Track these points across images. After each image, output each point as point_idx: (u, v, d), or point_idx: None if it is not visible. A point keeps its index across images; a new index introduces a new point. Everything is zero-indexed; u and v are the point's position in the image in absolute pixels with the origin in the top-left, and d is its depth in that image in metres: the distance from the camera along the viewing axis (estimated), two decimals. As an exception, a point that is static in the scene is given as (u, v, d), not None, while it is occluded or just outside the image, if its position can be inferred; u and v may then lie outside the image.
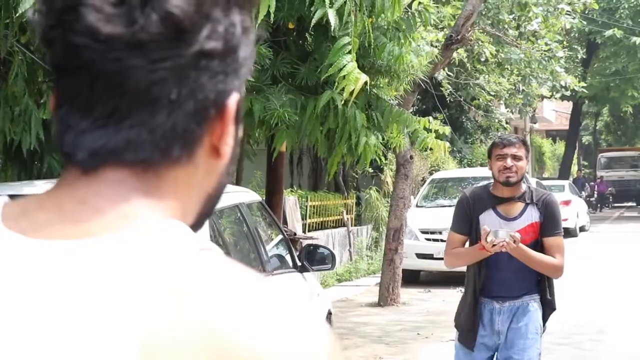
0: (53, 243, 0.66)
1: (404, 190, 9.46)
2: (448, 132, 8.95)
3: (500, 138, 3.80)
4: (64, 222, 0.68)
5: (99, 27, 0.66)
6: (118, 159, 0.69)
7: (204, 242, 0.69)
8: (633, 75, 26.11)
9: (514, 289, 3.70)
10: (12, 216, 0.70)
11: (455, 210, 3.82)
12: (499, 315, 3.72)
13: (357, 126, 5.83)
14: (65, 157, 0.71)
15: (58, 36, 0.68)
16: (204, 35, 0.68)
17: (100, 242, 0.66)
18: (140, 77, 0.67)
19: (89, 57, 0.67)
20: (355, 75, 4.96)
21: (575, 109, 31.58)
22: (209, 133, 0.71)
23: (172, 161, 0.70)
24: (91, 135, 0.68)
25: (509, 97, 17.73)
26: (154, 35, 0.66)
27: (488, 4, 14.18)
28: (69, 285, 0.64)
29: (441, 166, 15.98)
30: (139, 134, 0.68)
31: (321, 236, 11.58)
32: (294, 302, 0.67)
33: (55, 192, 0.71)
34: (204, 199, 0.75)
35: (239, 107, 0.74)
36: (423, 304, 9.64)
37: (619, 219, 26.59)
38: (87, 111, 0.68)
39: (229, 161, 0.75)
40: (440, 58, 8.73)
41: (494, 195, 3.71)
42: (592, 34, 25.59)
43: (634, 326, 8.02)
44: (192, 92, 0.69)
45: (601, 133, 44.36)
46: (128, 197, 0.69)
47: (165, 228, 0.67)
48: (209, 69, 0.69)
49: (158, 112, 0.68)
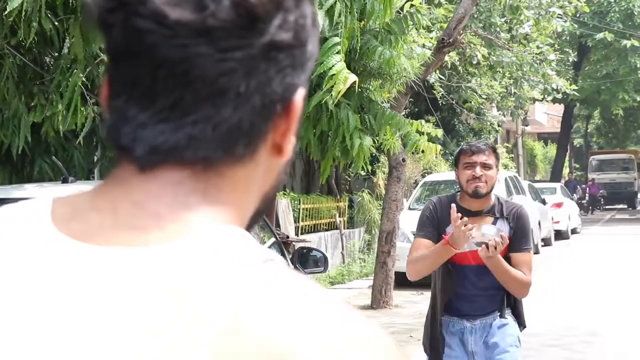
0: (110, 250, 0.62)
1: (397, 192, 9.46)
2: (440, 134, 8.96)
3: (469, 145, 3.46)
4: (120, 226, 0.63)
5: (166, 11, 0.61)
6: (178, 158, 0.64)
7: (267, 253, 0.65)
8: (624, 78, 26.22)
9: (484, 306, 3.40)
10: (63, 217, 0.66)
11: (421, 216, 3.45)
12: (471, 335, 3.41)
13: (350, 129, 5.84)
14: (120, 152, 0.66)
15: (119, 20, 0.63)
16: (275, 24, 0.64)
17: (160, 252, 0.61)
18: (208, 67, 0.62)
19: (153, 42, 0.62)
20: (345, 75, 4.96)
21: (566, 112, 31.68)
22: (273, 129, 0.67)
23: (234, 159, 0.66)
24: (152, 130, 0.63)
25: (501, 100, 17.79)
26: (225, 22, 0.62)
27: (480, 7, 14.22)
28: (131, 296, 0.60)
29: (433, 169, 16.00)
30: (203, 130, 0.63)
31: (314, 239, 11.57)
32: (366, 322, 0.63)
33: (108, 190, 0.66)
34: (261, 199, 0.71)
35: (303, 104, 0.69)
36: (416, 307, 9.64)
37: (610, 222, 26.68)
38: (147, 102, 0.63)
39: (288, 159, 0.71)
40: (433, 59, 8.74)
41: (462, 207, 3.33)
42: (583, 37, 25.69)
43: (624, 328, 8.04)
44: (260, 85, 0.64)
45: (592, 136, 44.51)
46: (187, 201, 0.64)
47: (227, 237, 0.63)
48: (277, 62, 0.65)
49: (224, 105, 0.63)
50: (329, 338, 0.60)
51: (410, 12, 6.57)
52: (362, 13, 5.38)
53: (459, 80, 15.20)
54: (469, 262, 3.33)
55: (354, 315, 0.62)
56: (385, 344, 0.63)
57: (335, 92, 4.98)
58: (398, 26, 6.30)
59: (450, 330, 3.44)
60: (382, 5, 5.24)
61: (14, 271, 0.64)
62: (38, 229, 0.66)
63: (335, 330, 0.60)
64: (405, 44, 6.93)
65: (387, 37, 6.20)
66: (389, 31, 6.25)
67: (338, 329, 0.61)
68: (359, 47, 5.52)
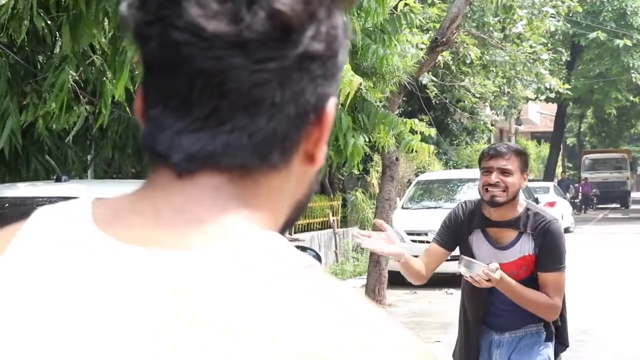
0: (153, 251, 0.63)
1: (390, 192, 9.47)
2: (434, 134, 8.97)
3: (489, 148, 3.12)
4: (162, 229, 0.65)
5: (202, 24, 0.63)
6: (215, 164, 0.65)
7: (308, 258, 0.66)
8: (616, 77, 26.29)
9: (513, 321, 3.09)
10: (104, 219, 0.67)
11: (444, 220, 3.20)
12: (497, 348, 3.13)
13: (343, 128, 5.84)
14: (157, 159, 0.67)
15: (155, 32, 0.64)
16: (308, 35, 0.65)
17: (203, 254, 0.63)
18: (243, 78, 0.64)
19: (189, 54, 0.63)
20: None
21: (559, 111, 31.77)
22: (305, 138, 0.68)
23: (269, 167, 0.67)
24: (188, 138, 0.65)
25: (494, 99, 17.81)
26: (260, 34, 0.63)
27: (473, 7, 14.24)
28: (173, 297, 0.61)
29: (427, 168, 16.01)
30: (239, 138, 0.65)
31: (307, 238, 11.57)
32: (401, 330, 0.64)
33: (149, 194, 0.67)
34: (293, 207, 0.72)
35: None
36: (409, 306, 9.65)
37: (603, 220, 26.76)
38: (184, 112, 0.65)
39: (320, 167, 0.72)
40: (427, 59, 8.75)
41: (483, 215, 3.07)
42: (576, 36, 25.75)
43: (617, 327, 8.07)
44: (294, 95, 0.66)
45: (585, 135, 44.64)
46: (226, 206, 0.66)
47: (269, 242, 0.65)
48: (310, 72, 0.66)
49: (259, 115, 0.65)
50: (373, 346, 0.61)
51: (404, 12, 6.57)
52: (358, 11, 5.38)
53: (452, 79, 15.21)
54: None
55: (391, 322, 0.64)
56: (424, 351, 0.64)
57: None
58: (391, 25, 6.30)
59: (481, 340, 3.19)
60: (378, 3, 5.24)
61: (60, 272, 0.64)
62: (82, 230, 0.67)
63: (379, 338, 0.62)
64: (398, 43, 6.94)
65: (381, 36, 6.20)
66: (382, 30, 6.25)
67: (381, 337, 0.62)
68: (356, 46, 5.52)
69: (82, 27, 4.20)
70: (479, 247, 3.07)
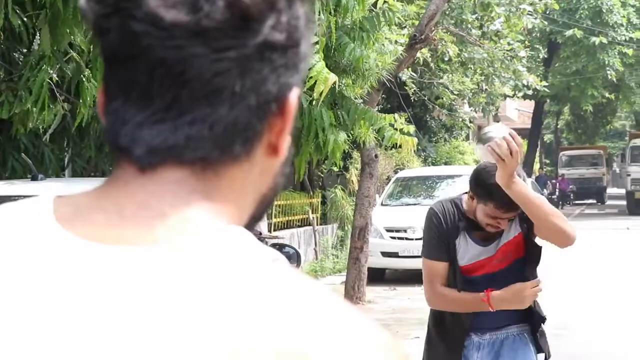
0: (117, 248, 0.63)
1: (369, 189, 9.49)
2: (413, 130, 9.01)
3: (501, 199, 2.63)
4: (125, 226, 0.64)
5: (161, 14, 0.63)
6: (177, 157, 0.65)
7: (273, 252, 0.65)
8: (593, 74, 26.53)
9: (495, 319, 2.85)
10: (67, 217, 0.66)
11: (427, 231, 2.91)
12: (477, 351, 2.89)
13: (324, 125, 5.84)
14: (119, 153, 0.67)
15: (114, 24, 0.64)
16: (269, 25, 0.65)
17: (167, 250, 0.62)
18: (203, 67, 0.64)
19: (148, 44, 0.63)
20: (325, 75, 4.96)
21: (537, 108, 32.00)
22: (268, 129, 0.68)
23: (231, 159, 0.67)
24: (149, 130, 0.65)
25: (473, 96, 17.91)
26: (219, 22, 0.63)
27: (451, 4, 14.30)
28: (138, 294, 0.61)
29: (406, 165, 16.07)
30: (200, 130, 0.65)
31: (287, 235, 11.57)
32: (366, 320, 0.64)
33: (111, 191, 0.67)
34: (259, 201, 0.71)
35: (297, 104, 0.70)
36: (388, 302, 9.69)
37: (579, 216, 27.01)
38: (144, 103, 0.65)
39: (284, 160, 0.71)
40: (405, 56, 8.78)
41: (469, 218, 2.84)
42: (553, 33, 25.95)
43: (594, 322, 8.15)
44: (255, 84, 0.66)
45: (562, 132, 44.99)
46: (189, 200, 0.65)
47: (233, 236, 0.64)
48: (271, 62, 0.66)
49: (220, 104, 0.65)
50: (340, 338, 0.61)
51: (383, 10, 6.58)
52: (337, 9, 5.38)
53: (430, 76, 15.27)
54: (476, 274, 2.87)
55: (358, 314, 0.64)
56: (393, 344, 0.65)
57: (317, 93, 4.97)
58: (370, 23, 6.31)
59: None
60: (357, 1, 5.25)
61: (22, 270, 0.64)
62: (43, 228, 0.66)
63: (346, 330, 0.62)
64: (376, 41, 6.95)
65: (360, 34, 6.21)
66: (361, 28, 6.26)
67: (349, 328, 0.62)
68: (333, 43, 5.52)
69: (61, 26, 4.16)
70: (465, 249, 2.85)
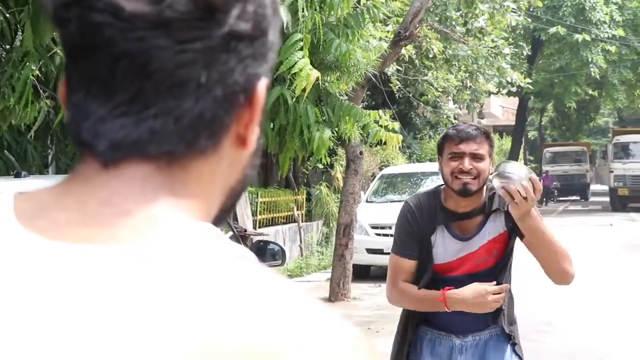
0: (79, 247, 0.60)
1: (354, 185, 9.50)
2: (397, 127, 9.02)
3: (456, 129, 2.69)
4: (89, 224, 0.62)
5: (121, 4, 0.61)
6: (142, 152, 0.63)
7: (239, 249, 0.64)
8: (576, 71, 26.67)
9: (478, 319, 2.73)
10: (27, 214, 0.64)
11: (398, 226, 2.76)
12: (460, 354, 2.77)
13: (309, 122, 5.84)
14: (82, 148, 0.65)
15: (74, 14, 0.62)
16: (234, 15, 0.63)
17: (132, 249, 0.60)
18: (166, 59, 0.62)
19: (110, 36, 0.61)
20: (307, 72, 4.96)
21: (521, 105, 32.15)
22: (236, 121, 0.66)
23: (197, 153, 0.65)
24: (112, 124, 0.62)
25: (457, 93, 17.97)
26: (182, 13, 0.61)
27: (436, 1, 14.33)
28: (101, 294, 0.59)
29: (391, 162, 16.10)
30: (165, 123, 0.63)
31: (272, 232, 11.57)
32: (333, 316, 0.63)
33: (74, 188, 0.65)
34: (227, 194, 0.70)
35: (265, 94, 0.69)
36: (373, 299, 9.71)
37: (563, 213, 27.18)
38: (107, 96, 0.62)
39: (253, 152, 0.70)
40: (390, 52, 8.80)
41: (447, 208, 2.70)
42: (537, 31, 26.07)
43: (579, 318, 8.22)
44: (221, 76, 0.64)
45: (546, 128, 45.25)
46: (154, 197, 0.63)
47: (198, 234, 0.63)
48: (238, 52, 0.64)
49: (185, 97, 0.63)
50: (309, 335, 0.60)
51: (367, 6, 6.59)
52: (322, 5, 5.38)
53: (415, 73, 15.31)
54: (457, 273, 2.73)
55: (327, 311, 0.63)
56: (364, 342, 0.64)
57: (299, 89, 4.97)
58: (355, 20, 6.32)
59: (436, 350, 2.79)
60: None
61: None
62: (3, 226, 0.64)
63: (314, 327, 0.61)
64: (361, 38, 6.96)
65: (344, 30, 6.22)
66: (346, 25, 6.27)
67: (317, 326, 0.61)
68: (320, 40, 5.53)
69: (44, 22, 4.14)
70: (443, 245, 2.71)
